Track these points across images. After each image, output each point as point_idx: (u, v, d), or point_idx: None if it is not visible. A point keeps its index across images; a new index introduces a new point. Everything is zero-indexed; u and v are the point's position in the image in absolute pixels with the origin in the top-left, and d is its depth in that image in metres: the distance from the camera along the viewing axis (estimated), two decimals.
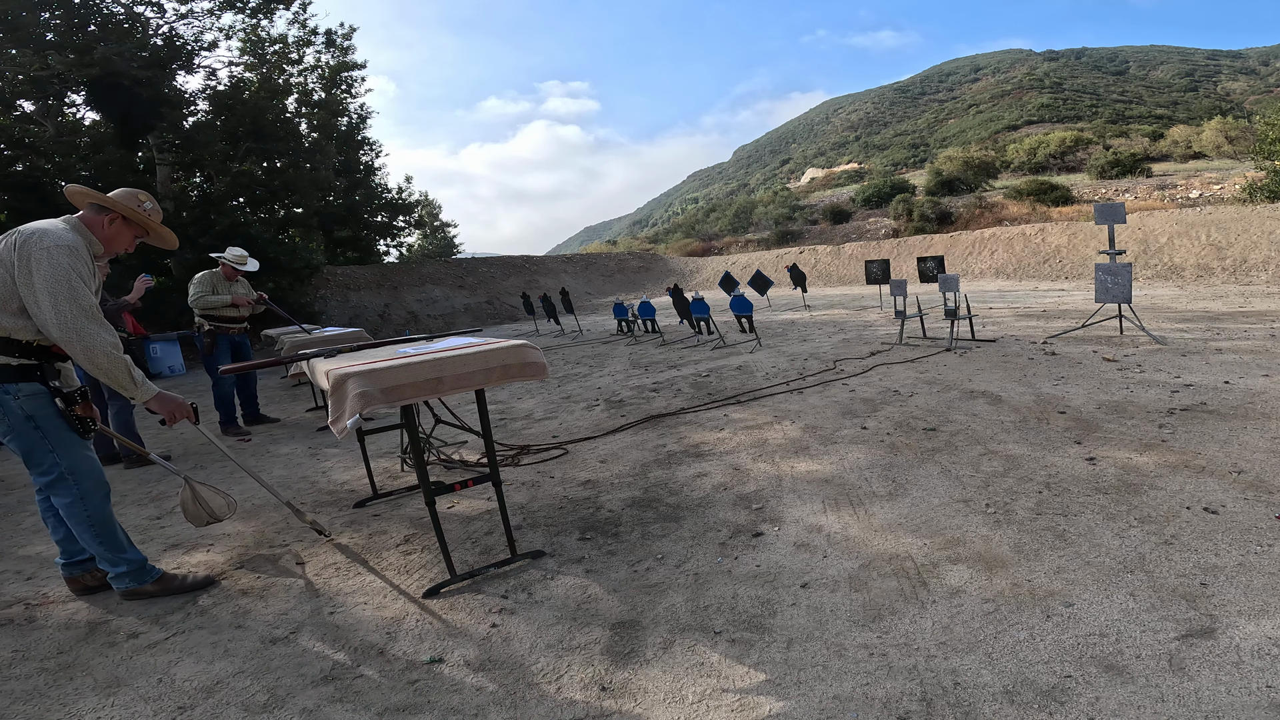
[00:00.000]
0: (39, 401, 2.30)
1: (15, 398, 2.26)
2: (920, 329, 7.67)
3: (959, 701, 1.62)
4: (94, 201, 2.43)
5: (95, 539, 2.45)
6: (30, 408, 2.28)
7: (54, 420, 2.34)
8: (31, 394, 2.29)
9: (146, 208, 2.53)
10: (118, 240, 2.48)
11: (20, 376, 2.26)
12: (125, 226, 2.48)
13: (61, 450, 2.36)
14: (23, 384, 2.27)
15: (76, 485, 2.39)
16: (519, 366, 2.51)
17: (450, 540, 2.84)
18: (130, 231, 2.50)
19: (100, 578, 2.63)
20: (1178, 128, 48.31)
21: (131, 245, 2.55)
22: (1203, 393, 4.15)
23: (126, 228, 2.48)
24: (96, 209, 2.42)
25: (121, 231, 2.47)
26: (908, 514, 2.76)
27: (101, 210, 2.43)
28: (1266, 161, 17.90)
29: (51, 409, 2.33)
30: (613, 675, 1.87)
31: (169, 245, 2.70)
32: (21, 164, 12.77)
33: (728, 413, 4.83)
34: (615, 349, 9.41)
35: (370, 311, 17.55)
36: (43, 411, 2.31)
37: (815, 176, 78.34)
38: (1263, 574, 2.04)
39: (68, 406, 2.37)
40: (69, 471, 2.38)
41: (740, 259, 25.01)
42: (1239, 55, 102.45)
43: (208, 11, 15.15)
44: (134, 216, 2.47)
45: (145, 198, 2.54)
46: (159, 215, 2.59)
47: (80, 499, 2.40)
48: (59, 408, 2.35)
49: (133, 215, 2.46)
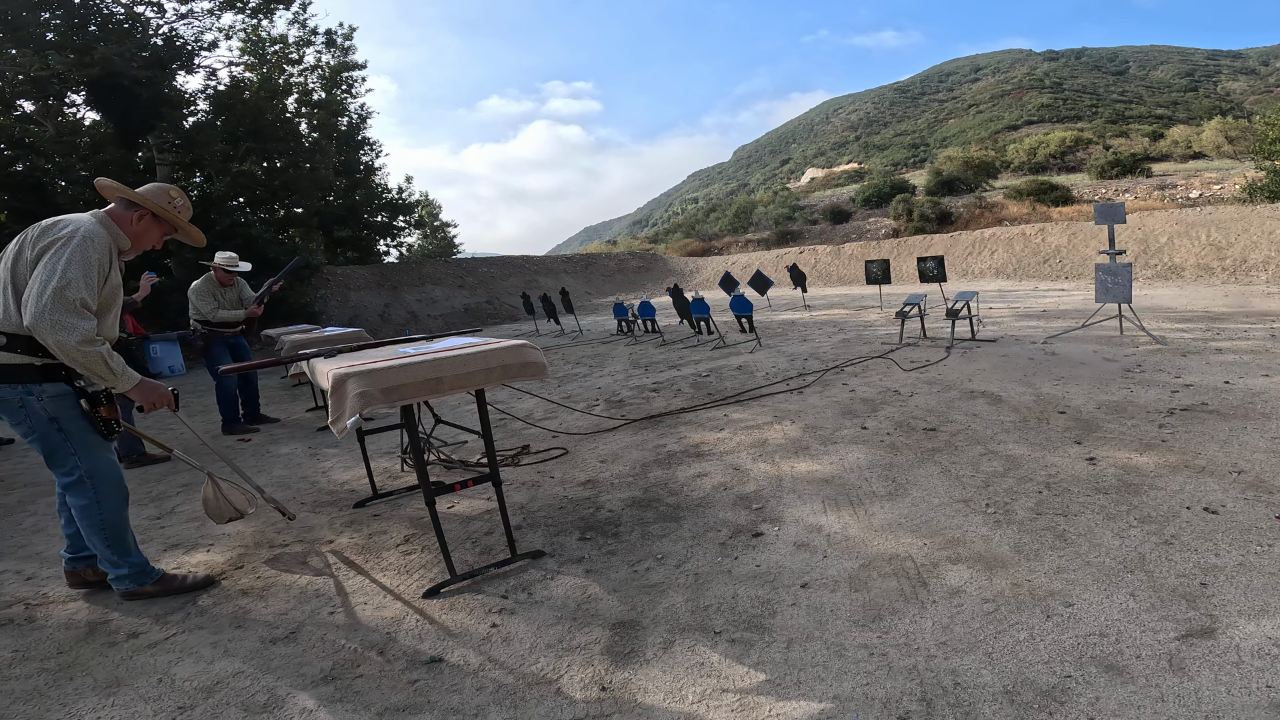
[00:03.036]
0: (63, 403, 2.28)
1: (39, 399, 2.24)
2: (920, 329, 7.67)
3: (959, 701, 1.62)
4: (124, 196, 2.40)
5: (103, 542, 2.43)
6: (54, 409, 2.27)
7: (78, 422, 2.32)
8: (56, 395, 2.27)
9: (177, 204, 2.51)
10: (145, 237, 2.46)
11: (44, 377, 2.24)
12: (154, 223, 2.46)
13: (83, 452, 2.34)
14: (47, 384, 2.25)
15: (94, 488, 2.37)
16: (519, 366, 2.51)
17: (450, 540, 2.84)
18: (159, 229, 2.48)
19: (100, 575, 2.62)
20: (1178, 128, 48.33)
21: (159, 242, 2.54)
22: (1203, 393, 4.15)
23: (155, 225, 2.46)
24: (126, 204, 2.40)
25: (150, 228, 2.45)
26: (908, 514, 2.76)
27: (131, 206, 2.41)
28: (1266, 161, 17.90)
29: (76, 410, 2.31)
30: (613, 675, 1.86)
31: (197, 243, 2.68)
32: (21, 164, 12.78)
33: (728, 413, 4.83)
34: (615, 349, 9.41)
35: (370, 311, 17.55)
36: (67, 413, 2.29)
37: (815, 176, 78.33)
38: (1263, 574, 2.04)
39: (92, 408, 2.35)
40: (88, 474, 2.36)
41: (740, 259, 25.01)
42: (1239, 55, 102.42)
43: (208, 11, 15.16)
44: (163, 214, 2.45)
45: (176, 194, 2.52)
46: (188, 212, 2.57)
47: (96, 502, 2.38)
48: (83, 409, 2.33)
49: (162, 212, 2.45)
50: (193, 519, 3.53)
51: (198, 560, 2.95)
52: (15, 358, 2.19)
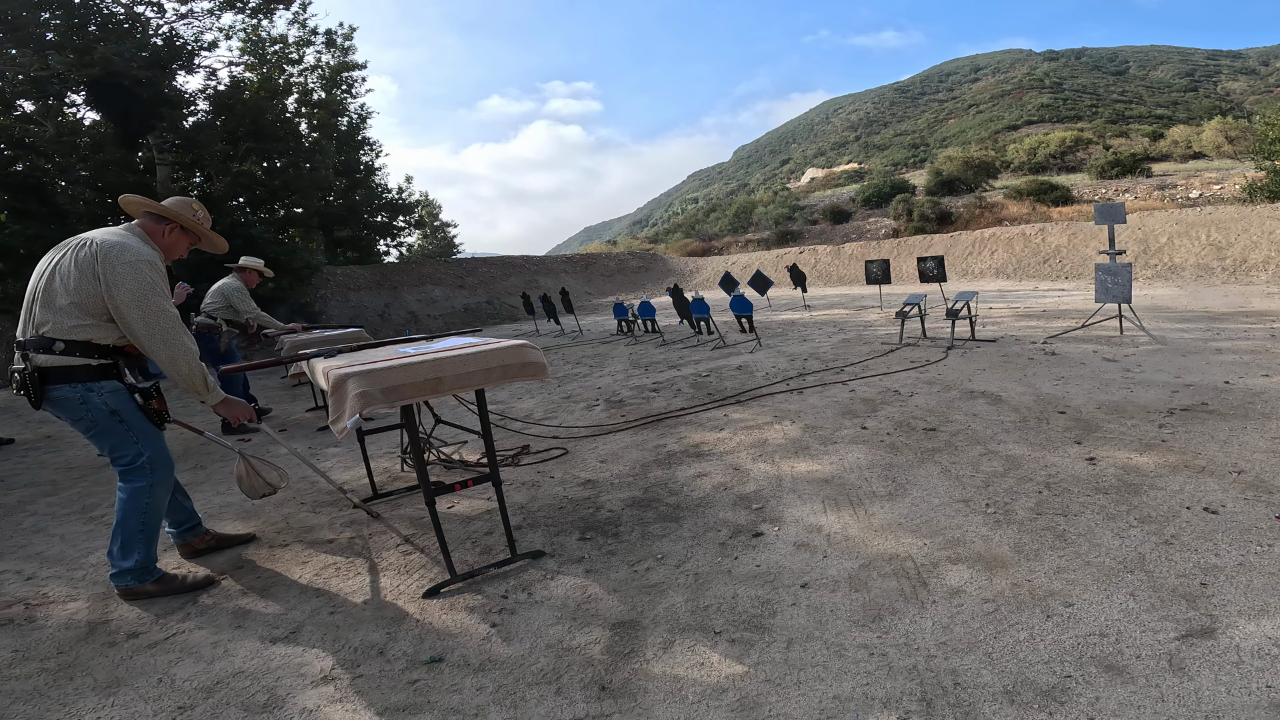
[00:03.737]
0: (121, 396, 2.44)
1: (99, 395, 2.40)
2: (920, 329, 7.67)
3: (959, 701, 1.62)
4: (151, 211, 2.56)
5: (141, 528, 2.52)
6: (114, 402, 2.42)
7: (136, 413, 2.48)
8: (113, 390, 2.43)
9: (199, 216, 2.68)
10: (176, 248, 2.63)
11: (101, 375, 2.40)
12: (182, 235, 2.63)
13: (145, 440, 2.50)
14: (104, 382, 2.40)
15: (153, 473, 2.52)
16: (519, 366, 2.51)
17: (450, 540, 2.84)
18: (186, 239, 2.66)
19: (212, 539, 2.86)
20: (1178, 128, 48.31)
21: (185, 252, 2.70)
22: (1203, 393, 4.15)
23: (184, 236, 2.64)
24: (155, 219, 2.58)
25: (180, 240, 2.63)
26: (908, 514, 2.76)
27: (160, 220, 2.57)
28: (1266, 161, 17.90)
29: (132, 403, 2.47)
30: (613, 675, 1.86)
31: (220, 250, 2.84)
32: (21, 164, 12.77)
33: (728, 413, 4.83)
34: (615, 349, 9.41)
35: (370, 311, 17.55)
36: (125, 405, 2.45)
37: (815, 176, 78.32)
38: (1263, 574, 2.04)
39: (145, 401, 2.52)
40: (150, 461, 2.51)
41: (740, 259, 25.01)
42: (1239, 55, 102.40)
43: (208, 11, 15.14)
44: (191, 225, 2.62)
45: (198, 206, 2.69)
46: (209, 222, 2.74)
47: (151, 486, 2.51)
48: (138, 402, 2.49)
49: (190, 224, 2.61)
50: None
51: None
52: (74, 360, 2.34)
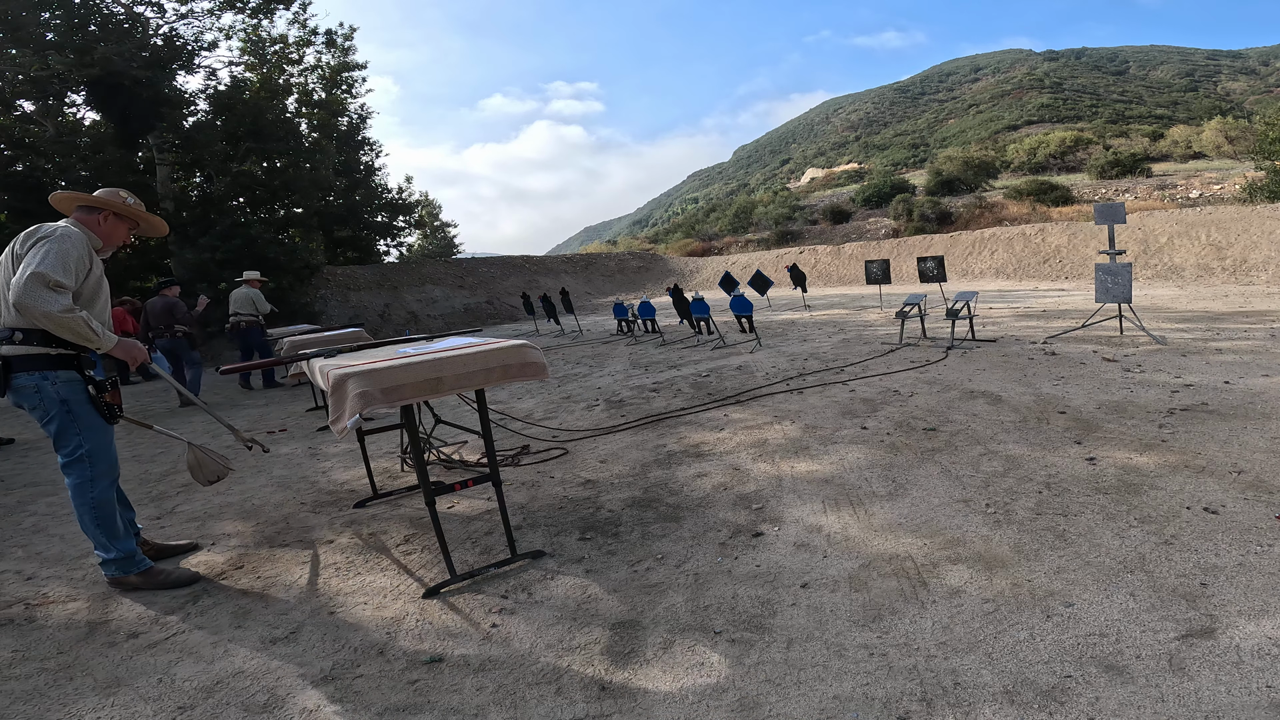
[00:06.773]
0: (73, 387, 2.51)
1: (53, 383, 2.47)
2: (920, 329, 7.67)
3: (959, 701, 1.62)
4: (82, 203, 2.64)
5: (94, 522, 2.58)
6: (65, 392, 2.49)
7: (84, 405, 2.54)
8: (67, 380, 2.50)
9: (129, 202, 2.74)
10: (115, 234, 2.70)
11: (59, 365, 2.48)
12: (118, 221, 2.70)
13: (87, 433, 2.55)
14: (60, 371, 2.48)
15: (91, 467, 2.56)
16: (519, 366, 2.51)
17: (450, 540, 2.84)
18: (124, 225, 2.73)
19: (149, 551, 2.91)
20: (1178, 128, 48.34)
21: (128, 237, 2.81)
22: (1203, 393, 4.15)
23: (120, 222, 2.71)
24: (86, 210, 2.64)
25: (116, 226, 2.70)
26: (908, 514, 2.76)
27: (92, 210, 2.65)
28: (1266, 161, 17.92)
29: (84, 395, 2.54)
30: (613, 675, 1.86)
31: (160, 232, 2.92)
32: (21, 164, 12.78)
33: (728, 413, 4.83)
34: (615, 349, 9.41)
35: (370, 311, 17.54)
36: (76, 396, 2.52)
37: (815, 176, 78.30)
38: (1263, 574, 2.04)
39: (98, 393, 2.57)
40: (88, 454, 2.55)
41: (740, 259, 25.01)
42: (1239, 55, 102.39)
43: (208, 11, 15.16)
44: (123, 210, 2.70)
45: (126, 193, 2.77)
46: (141, 206, 2.81)
47: (91, 480, 2.56)
48: (90, 394, 2.55)
49: (121, 209, 2.69)
50: (192, 519, 3.53)
51: (198, 560, 2.95)
52: (32, 349, 2.44)
